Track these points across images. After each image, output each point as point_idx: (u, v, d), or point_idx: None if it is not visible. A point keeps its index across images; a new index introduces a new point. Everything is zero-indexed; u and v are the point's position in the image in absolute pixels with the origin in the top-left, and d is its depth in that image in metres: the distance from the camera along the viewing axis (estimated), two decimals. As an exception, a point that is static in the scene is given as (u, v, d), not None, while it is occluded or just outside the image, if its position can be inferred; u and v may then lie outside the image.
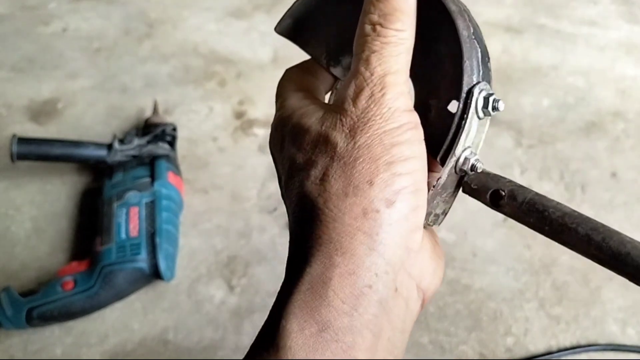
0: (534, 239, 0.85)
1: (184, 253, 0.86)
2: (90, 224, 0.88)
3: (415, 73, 0.32)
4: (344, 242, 0.27)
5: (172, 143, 0.97)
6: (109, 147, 0.92)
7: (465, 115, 0.30)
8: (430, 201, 0.31)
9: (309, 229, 0.28)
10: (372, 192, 0.27)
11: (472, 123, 0.30)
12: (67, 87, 1.20)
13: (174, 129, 0.99)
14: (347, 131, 0.28)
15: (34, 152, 0.91)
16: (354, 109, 0.28)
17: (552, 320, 0.77)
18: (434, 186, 0.31)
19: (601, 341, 0.75)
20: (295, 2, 0.35)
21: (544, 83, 1.19)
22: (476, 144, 0.32)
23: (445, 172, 0.31)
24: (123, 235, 0.80)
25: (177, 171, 0.93)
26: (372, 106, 0.28)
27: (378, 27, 0.28)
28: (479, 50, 0.31)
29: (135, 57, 1.29)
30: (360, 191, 0.27)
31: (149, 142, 0.94)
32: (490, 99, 0.30)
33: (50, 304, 0.75)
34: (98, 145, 0.93)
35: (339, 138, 0.28)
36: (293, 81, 0.34)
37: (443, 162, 0.31)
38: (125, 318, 0.78)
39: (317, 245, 0.27)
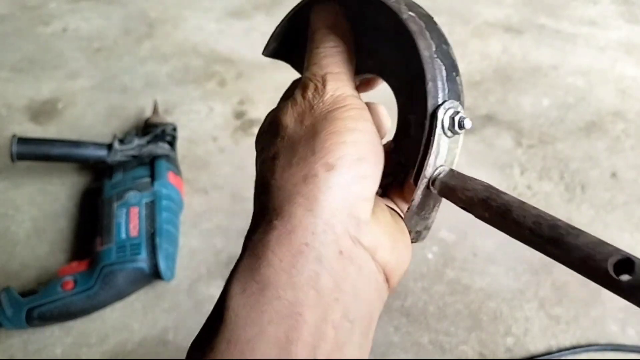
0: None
1: (184, 253, 0.86)
2: (90, 224, 0.88)
3: (397, 88, 0.33)
4: (284, 207, 0.28)
5: (172, 143, 0.97)
6: (109, 147, 0.92)
7: (431, 138, 0.31)
8: (408, 221, 0.33)
9: (260, 202, 0.30)
10: (313, 159, 0.29)
11: (441, 143, 0.31)
12: (67, 87, 1.20)
13: (174, 129, 0.99)
14: (296, 116, 0.31)
15: (34, 152, 0.91)
16: (302, 99, 0.32)
17: (552, 320, 0.77)
18: (409, 207, 0.32)
19: (601, 341, 0.75)
20: (276, 27, 0.36)
21: (544, 83, 1.19)
22: (450, 161, 0.32)
23: (417, 194, 0.32)
24: (123, 235, 0.80)
25: (177, 171, 0.93)
26: (316, 95, 0.31)
27: (315, 50, 0.33)
28: (443, 67, 0.31)
29: (135, 57, 1.29)
30: (303, 160, 0.29)
31: (149, 142, 0.94)
32: (456, 118, 0.30)
33: (50, 304, 0.75)
34: (98, 145, 0.93)
35: (289, 122, 0.31)
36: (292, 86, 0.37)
37: (416, 183, 0.32)
38: (125, 318, 0.78)
39: (263, 215, 0.29)
